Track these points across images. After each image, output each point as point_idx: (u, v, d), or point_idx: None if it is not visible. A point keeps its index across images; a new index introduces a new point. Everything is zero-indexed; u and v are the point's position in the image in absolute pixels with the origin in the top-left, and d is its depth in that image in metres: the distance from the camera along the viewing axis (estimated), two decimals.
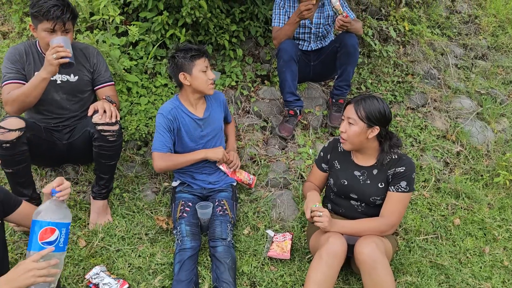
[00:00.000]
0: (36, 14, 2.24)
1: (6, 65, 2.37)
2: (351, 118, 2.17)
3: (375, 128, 2.17)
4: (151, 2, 3.34)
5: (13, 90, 2.29)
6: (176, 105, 2.58)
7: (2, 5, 3.64)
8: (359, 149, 2.27)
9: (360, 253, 2.05)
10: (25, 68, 2.39)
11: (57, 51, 2.11)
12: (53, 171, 2.74)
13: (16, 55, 2.39)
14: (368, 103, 2.15)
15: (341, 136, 2.25)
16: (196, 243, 2.34)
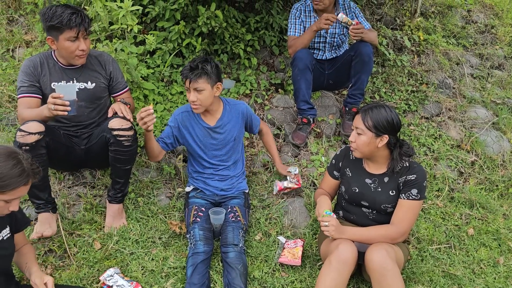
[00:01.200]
0: (58, 25, 2.29)
1: (21, 77, 2.44)
2: (359, 128, 2.19)
3: (384, 137, 2.18)
4: (168, 12, 3.43)
5: (24, 108, 2.37)
6: (189, 110, 2.63)
7: (26, 15, 3.77)
8: (369, 157, 2.29)
9: (370, 260, 2.05)
10: (40, 80, 2.45)
11: (55, 103, 2.14)
12: (71, 175, 2.81)
13: (30, 67, 2.44)
14: (375, 113, 2.16)
15: (351, 146, 2.27)
16: (209, 248, 2.38)
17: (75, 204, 2.68)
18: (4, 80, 3.24)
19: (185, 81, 2.46)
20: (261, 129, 2.89)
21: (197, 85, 2.42)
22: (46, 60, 2.49)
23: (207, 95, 2.48)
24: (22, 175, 1.62)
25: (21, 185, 1.63)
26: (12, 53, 3.54)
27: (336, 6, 3.29)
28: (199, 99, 2.46)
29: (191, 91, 2.46)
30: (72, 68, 2.50)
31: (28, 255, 1.99)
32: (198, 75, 2.41)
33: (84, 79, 2.54)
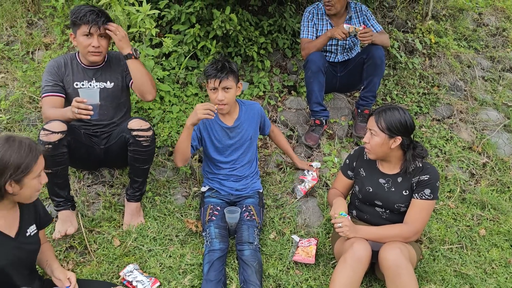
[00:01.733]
0: (75, 20, 2.43)
1: (45, 77, 2.54)
2: (373, 130, 2.24)
3: (397, 138, 2.22)
4: (184, 15, 3.51)
5: (49, 107, 2.46)
6: None
7: (45, 18, 3.87)
8: (383, 158, 2.33)
9: (384, 258, 2.10)
10: (63, 79, 2.55)
11: (79, 107, 2.23)
12: (90, 174, 2.89)
13: (54, 67, 2.55)
14: (389, 115, 2.21)
15: (365, 147, 2.32)
16: (225, 245, 2.44)
17: (94, 202, 2.75)
18: (25, 82, 3.33)
19: (213, 81, 2.50)
20: (272, 130, 2.97)
21: (226, 83, 2.49)
22: (70, 60, 2.59)
23: (233, 93, 2.56)
24: (31, 151, 1.69)
25: (36, 159, 1.70)
26: (32, 56, 3.63)
27: (347, 10, 3.35)
28: (227, 97, 2.53)
29: (219, 91, 2.51)
30: (92, 68, 2.59)
31: (48, 253, 2.06)
32: (227, 74, 2.48)
33: (104, 78, 2.62)
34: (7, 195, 1.69)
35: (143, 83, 2.56)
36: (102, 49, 2.54)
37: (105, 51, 2.58)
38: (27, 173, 1.67)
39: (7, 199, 1.73)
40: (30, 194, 1.75)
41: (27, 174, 1.67)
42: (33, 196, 1.79)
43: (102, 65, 2.64)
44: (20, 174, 1.64)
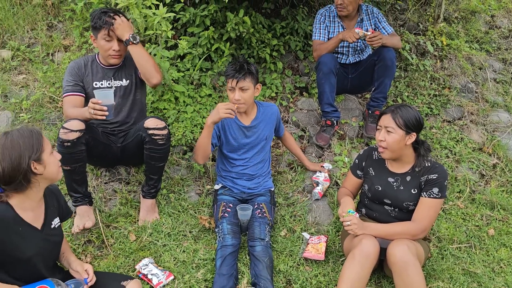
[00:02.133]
0: (95, 24, 2.55)
1: (66, 78, 2.66)
2: (390, 127, 2.28)
3: (412, 135, 2.28)
4: (198, 18, 3.60)
5: (70, 106, 2.57)
6: None
7: (64, 21, 4.00)
8: (398, 156, 2.36)
9: (392, 255, 2.15)
10: (83, 80, 2.67)
11: (94, 108, 2.33)
12: (107, 171, 2.99)
13: (75, 68, 2.67)
14: (404, 111, 2.27)
15: (380, 145, 2.34)
16: (237, 241, 2.51)
17: (111, 199, 2.85)
18: (45, 83, 3.46)
19: (231, 81, 2.59)
20: (284, 133, 3.05)
21: (243, 84, 2.57)
22: (90, 61, 2.71)
23: (250, 94, 2.63)
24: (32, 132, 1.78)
25: (41, 137, 1.80)
26: (52, 57, 3.76)
27: (359, 12, 3.41)
28: (243, 97, 2.61)
29: (237, 91, 2.60)
30: (111, 68, 2.70)
31: (65, 246, 2.15)
32: (244, 75, 2.56)
33: (120, 77, 2.73)
34: (34, 180, 1.77)
35: (145, 67, 2.62)
36: (122, 52, 2.65)
37: (124, 53, 2.68)
38: (42, 150, 1.76)
39: (35, 188, 1.80)
40: (56, 170, 1.84)
41: (42, 151, 1.76)
42: (59, 172, 1.87)
43: (119, 65, 2.74)
44: (37, 152, 1.74)
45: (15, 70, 3.61)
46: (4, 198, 1.76)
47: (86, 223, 2.54)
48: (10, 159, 1.69)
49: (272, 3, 4.02)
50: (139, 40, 2.59)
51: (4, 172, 1.69)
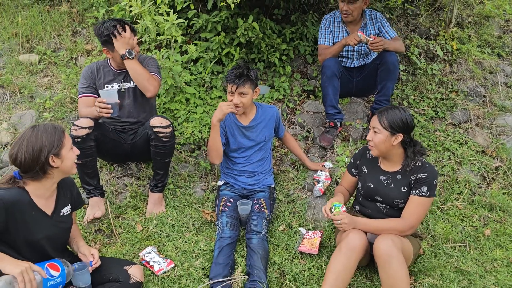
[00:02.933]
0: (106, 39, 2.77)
1: (81, 81, 2.90)
2: (376, 128, 2.41)
3: (398, 136, 2.38)
4: (210, 24, 3.79)
5: (83, 106, 2.81)
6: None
7: (88, 27, 4.28)
8: (386, 155, 2.48)
9: (376, 248, 2.25)
10: (96, 82, 2.90)
11: (100, 107, 2.58)
12: (119, 167, 3.21)
13: (88, 72, 2.91)
14: (390, 113, 2.38)
15: (369, 144, 2.48)
16: (235, 233, 2.67)
17: (122, 192, 3.06)
18: (68, 84, 3.72)
19: (231, 86, 2.75)
20: (284, 135, 3.19)
21: (242, 89, 2.74)
22: (102, 66, 2.92)
23: (249, 98, 2.79)
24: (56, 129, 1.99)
25: (63, 134, 2.01)
26: (75, 61, 4.03)
27: (363, 17, 3.51)
28: (242, 102, 2.77)
29: (236, 95, 2.76)
30: (121, 72, 2.91)
31: (76, 232, 2.35)
32: (244, 81, 2.72)
33: (129, 79, 2.93)
34: (50, 172, 1.99)
35: (138, 81, 2.81)
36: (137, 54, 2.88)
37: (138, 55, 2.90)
38: (62, 146, 1.98)
39: (50, 179, 2.02)
40: (70, 165, 2.05)
41: (62, 147, 1.98)
42: (73, 167, 2.08)
43: None
44: (57, 148, 1.95)
45: (41, 73, 3.90)
46: (21, 184, 1.98)
47: (96, 213, 2.76)
48: (32, 150, 1.91)
49: (283, 10, 4.18)
50: (134, 55, 2.77)
51: (24, 162, 1.91)
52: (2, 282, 1.73)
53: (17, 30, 4.15)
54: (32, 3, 4.40)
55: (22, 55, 3.98)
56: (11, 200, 1.90)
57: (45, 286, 1.88)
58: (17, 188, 1.96)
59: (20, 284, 1.75)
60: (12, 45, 4.06)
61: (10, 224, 1.90)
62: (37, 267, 1.86)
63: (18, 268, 1.77)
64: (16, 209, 1.91)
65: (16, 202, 1.92)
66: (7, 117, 3.48)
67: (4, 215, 1.87)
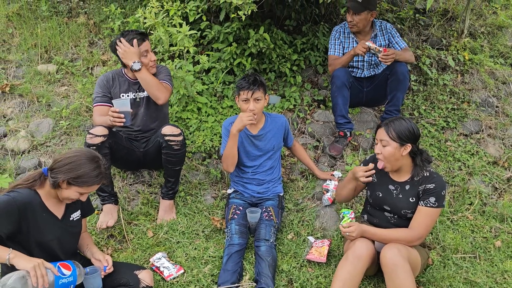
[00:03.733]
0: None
1: (96, 89, 2.98)
2: (384, 140, 2.41)
3: (407, 146, 2.40)
4: (222, 35, 3.87)
5: (98, 115, 2.89)
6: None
7: (104, 38, 4.40)
8: (397, 167, 2.48)
9: (383, 257, 2.26)
10: (111, 91, 2.97)
11: (112, 116, 2.65)
12: (132, 174, 3.28)
13: (104, 81, 2.98)
14: (397, 124, 2.39)
15: (378, 158, 2.47)
16: (243, 241, 2.70)
17: (134, 199, 3.13)
18: (84, 94, 3.83)
19: (245, 93, 2.79)
20: (293, 144, 3.22)
21: (257, 94, 2.80)
22: (117, 75, 3.01)
23: (262, 104, 2.86)
24: (98, 176, 2.07)
25: (95, 184, 2.08)
26: (91, 71, 4.14)
27: (373, 28, 3.55)
28: (257, 107, 2.83)
29: (251, 101, 2.81)
30: (136, 81, 2.99)
31: (88, 239, 2.41)
32: (258, 86, 2.79)
33: (142, 88, 3.00)
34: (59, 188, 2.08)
35: (149, 91, 2.89)
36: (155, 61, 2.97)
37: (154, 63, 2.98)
38: (79, 186, 2.04)
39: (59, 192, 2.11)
40: (66, 197, 2.09)
41: (78, 186, 2.04)
42: (66, 200, 2.13)
43: None
44: (74, 182, 2.02)
45: (59, 82, 4.02)
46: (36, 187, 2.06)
47: (109, 222, 2.83)
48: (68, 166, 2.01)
49: (294, 21, 4.23)
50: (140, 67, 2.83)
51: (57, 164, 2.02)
52: (16, 276, 1.81)
53: (36, 41, 4.29)
54: (51, 15, 4.54)
55: (40, 65, 4.10)
56: (24, 201, 1.98)
57: (57, 283, 1.95)
58: (29, 190, 2.04)
59: (32, 279, 1.82)
60: (32, 55, 4.19)
61: (23, 225, 1.98)
62: (49, 264, 1.94)
63: (31, 263, 1.85)
64: (28, 210, 1.99)
65: (28, 203, 2.00)
66: (25, 125, 3.59)
67: (17, 216, 1.95)
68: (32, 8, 4.63)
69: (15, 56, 4.18)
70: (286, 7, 4.12)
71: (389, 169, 2.48)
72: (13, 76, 4.02)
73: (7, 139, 3.46)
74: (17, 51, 4.26)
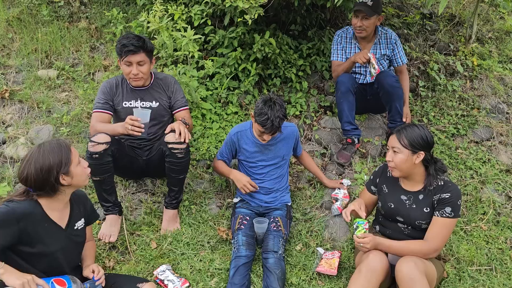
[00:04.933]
0: (117, 50, 2.77)
1: (98, 95, 2.88)
2: (395, 147, 2.33)
3: (420, 154, 2.31)
4: (227, 39, 3.78)
5: (97, 121, 2.79)
6: (245, 129, 2.90)
7: (105, 43, 4.31)
8: (407, 175, 2.40)
9: (399, 271, 2.17)
10: (113, 99, 2.88)
11: (133, 125, 2.56)
12: (134, 183, 3.18)
13: (107, 87, 2.89)
14: (409, 131, 2.31)
15: (389, 165, 2.40)
16: (251, 252, 2.60)
17: (137, 208, 3.03)
18: (85, 99, 3.74)
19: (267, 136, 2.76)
20: (302, 153, 3.14)
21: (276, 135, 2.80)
22: (120, 82, 2.91)
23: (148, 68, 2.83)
24: (61, 146, 1.97)
25: (69, 151, 1.99)
26: (93, 76, 4.05)
27: (375, 34, 3.46)
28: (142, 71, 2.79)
29: (267, 137, 2.77)
30: (140, 89, 2.89)
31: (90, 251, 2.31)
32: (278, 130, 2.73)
33: (150, 98, 2.91)
34: (62, 189, 1.98)
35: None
36: (142, 75, 2.81)
37: (146, 75, 2.83)
38: (70, 163, 1.97)
39: (62, 194, 2.01)
40: (83, 178, 2.04)
41: (70, 164, 1.96)
42: (86, 179, 2.08)
43: (148, 86, 2.92)
44: (65, 166, 1.94)
45: (59, 88, 3.93)
46: (34, 197, 1.96)
47: (111, 237, 2.73)
48: (41, 172, 1.90)
49: (299, 25, 4.15)
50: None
51: (34, 183, 1.91)
52: None
53: (36, 46, 4.20)
54: (52, 20, 4.45)
55: (41, 71, 4.01)
56: (23, 212, 1.89)
57: None
58: (29, 200, 1.95)
59: None
60: (32, 60, 4.11)
61: (23, 237, 1.89)
62: (41, 280, 1.85)
63: (20, 280, 1.77)
64: (28, 222, 1.90)
65: (28, 214, 1.91)
66: (25, 131, 3.50)
67: (16, 227, 1.85)
68: (33, 12, 4.55)
69: (15, 61, 4.09)
70: (291, 12, 4.05)
71: (398, 175, 2.39)
72: (12, 81, 3.92)
73: (6, 146, 3.36)
74: (17, 56, 4.17)
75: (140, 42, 2.73)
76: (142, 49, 2.74)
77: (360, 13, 3.31)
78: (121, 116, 2.89)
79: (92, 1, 4.68)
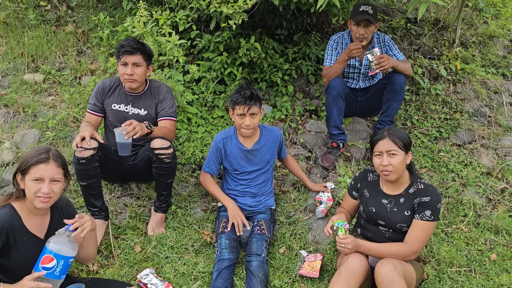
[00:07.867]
0: (116, 52, 2.81)
1: (92, 95, 2.94)
2: (392, 150, 2.33)
3: (409, 154, 2.37)
4: (213, 44, 3.81)
5: (86, 121, 2.88)
6: (230, 135, 2.92)
7: (92, 47, 4.32)
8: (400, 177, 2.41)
9: (378, 273, 2.20)
10: (104, 100, 2.91)
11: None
12: (120, 187, 3.19)
13: (100, 87, 2.93)
14: (399, 133, 2.37)
15: (386, 169, 2.35)
16: (234, 256, 2.62)
17: (122, 212, 3.04)
18: (71, 104, 3.74)
19: (242, 108, 2.71)
20: (286, 157, 3.16)
21: (254, 110, 2.74)
22: (116, 84, 2.95)
23: (258, 119, 2.80)
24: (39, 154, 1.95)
25: (36, 162, 1.92)
26: (79, 80, 4.06)
27: (371, 40, 3.49)
28: (253, 122, 2.76)
29: (247, 116, 2.74)
30: (132, 95, 2.92)
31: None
32: (255, 101, 2.73)
33: (139, 105, 2.92)
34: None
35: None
36: (136, 77, 2.81)
37: (140, 79, 2.84)
38: (27, 171, 1.93)
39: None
40: (30, 195, 1.94)
41: (27, 172, 1.94)
42: (34, 200, 1.94)
43: (141, 93, 2.94)
44: (23, 168, 1.95)
45: (45, 92, 3.93)
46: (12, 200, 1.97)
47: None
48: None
49: (285, 30, 4.20)
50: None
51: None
52: None
53: (23, 49, 4.20)
54: (38, 24, 4.46)
55: (27, 75, 4.02)
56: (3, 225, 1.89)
57: None
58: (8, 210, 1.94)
59: None
60: (18, 64, 4.11)
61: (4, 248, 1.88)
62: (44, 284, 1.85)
63: None
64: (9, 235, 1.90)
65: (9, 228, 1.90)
66: (10, 136, 3.50)
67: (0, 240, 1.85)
68: (20, 16, 4.55)
69: (1, 65, 4.09)
70: (277, 16, 4.09)
71: (394, 179, 2.39)
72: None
73: None
74: (3, 60, 4.17)
75: (139, 45, 2.79)
76: (139, 51, 2.78)
77: (362, 22, 3.31)
78: (109, 118, 2.92)
79: (79, 5, 4.69)
